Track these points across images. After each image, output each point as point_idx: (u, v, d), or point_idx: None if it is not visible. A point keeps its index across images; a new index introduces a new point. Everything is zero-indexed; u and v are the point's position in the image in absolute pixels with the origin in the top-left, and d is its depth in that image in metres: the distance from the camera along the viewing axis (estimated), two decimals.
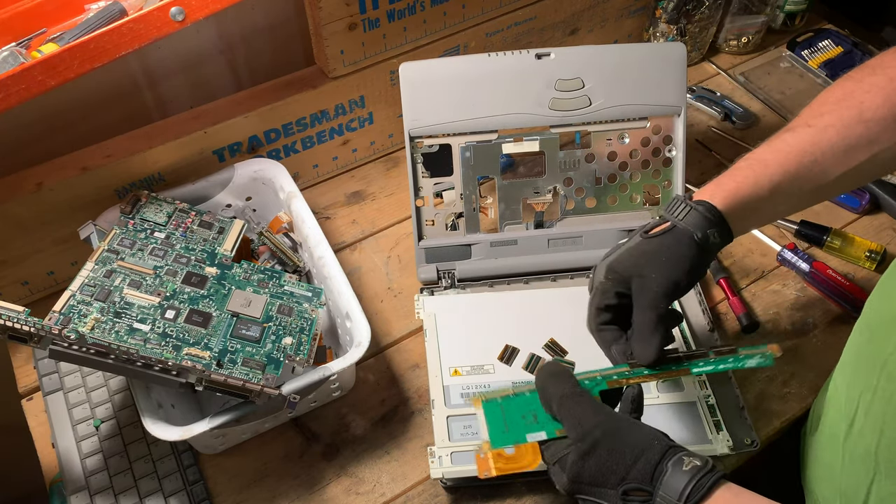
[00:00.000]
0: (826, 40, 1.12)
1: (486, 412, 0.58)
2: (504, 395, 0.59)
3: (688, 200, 0.60)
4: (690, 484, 0.47)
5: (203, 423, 0.62)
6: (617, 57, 0.79)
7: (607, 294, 0.60)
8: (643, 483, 0.49)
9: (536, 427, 0.56)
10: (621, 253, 0.60)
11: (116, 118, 0.82)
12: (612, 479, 0.50)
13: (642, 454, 0.50)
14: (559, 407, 0.54)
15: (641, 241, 0.60)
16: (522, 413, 0.57)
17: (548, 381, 0.56)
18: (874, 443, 0.51)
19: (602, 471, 0.50)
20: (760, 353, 0.58)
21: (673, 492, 0.48)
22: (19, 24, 0.64)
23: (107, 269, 0.67)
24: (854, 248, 0.86)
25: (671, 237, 0.59)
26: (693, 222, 0.59)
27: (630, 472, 0.49)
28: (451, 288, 0.82)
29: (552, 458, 0.54)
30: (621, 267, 0.59)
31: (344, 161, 0.97)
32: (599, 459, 0.50)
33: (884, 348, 0.51)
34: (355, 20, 0.83)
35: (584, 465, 0.51)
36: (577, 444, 0.52)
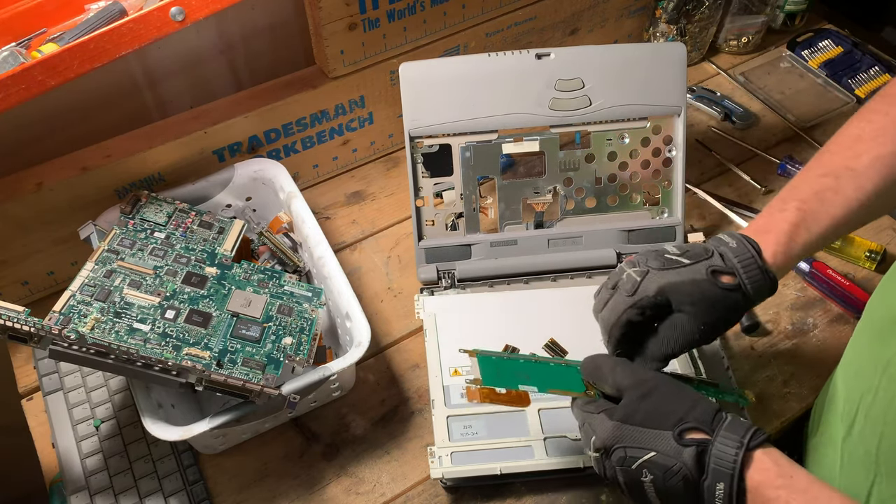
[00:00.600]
0: (826, 40, 1.12)
1: (481, 363, 0.59)
2: (499, 356, 0.60)
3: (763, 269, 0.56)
4: (750, 431, 0.48)
5: (203, 423, 0.62)
6: (617, 57, 0.79)
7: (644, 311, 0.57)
8: (703, 424, 0.49)
9: (529, 383, 0.58)
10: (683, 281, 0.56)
11: (116, 118, 0.82)
12: (670, 420, 0.50)
13: (700, 402, 0.51)
14: (613, 369, 0.54)
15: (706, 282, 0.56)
16: (516, 371, 0.59)
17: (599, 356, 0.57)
18: (875, 445, 0.51)
19: (660, 410, 0.50)
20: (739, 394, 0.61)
21: (737, 433, 0.48)
22: (19, 24, 0.64)
23: (107, 269, 0.67)
24: (854, 248, 0.86)
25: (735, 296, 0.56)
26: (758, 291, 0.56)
27: (690, 412, 0.50)
28: (451, 288, 0.82)
29: (597, 409, 0.53)
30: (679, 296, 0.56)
31: (344, 161, 0.97)
32: (659, 399, 0.51)
33: (886, 350, 0.51)
34: (355, 20, 0.83)
35: (641, 405, 0.51)
36: (634, 389, 0.52)
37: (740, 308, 0.56)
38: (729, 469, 0.47)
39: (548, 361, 0.61)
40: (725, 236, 0.58)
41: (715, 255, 0.57)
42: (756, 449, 0.48)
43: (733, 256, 0.57)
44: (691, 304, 0.55)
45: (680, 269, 0.57)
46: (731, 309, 0.56)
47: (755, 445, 0.48)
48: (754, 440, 0.48)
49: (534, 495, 0.69)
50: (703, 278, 0.56)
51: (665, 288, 0.56)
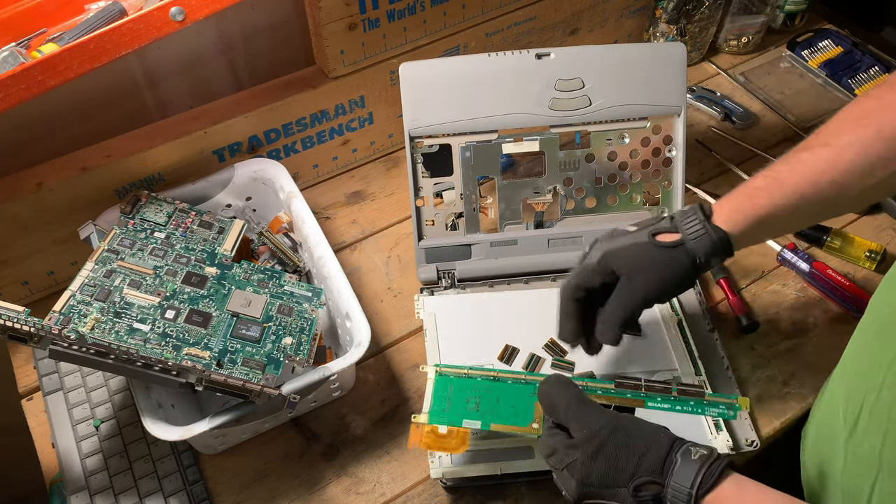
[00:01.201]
0: (826, 40, 1.12)
1: (436, 385, 0.63)
2: (458, 374, 0.63)
3: (706, 221, 0.59)
4: (701, 472, 0.49)
5: (203, 423, 0.62)
6: (617, 57, 0.79)
7: (592, 279, 0.61)
8: (654, 475, 0.50)
9: (474, 416, 0.61)
10: (623, 247, 0.60)
11: (116, 118, 0.82)
12: (623, 477, 0.50)
13: (651, 447, 0.51)
14: (566, 411, 0.55)
15: (646, 244, 0.60)
16: (467, 397, 0.62)
17: (554, 389, 0.57)
18: (878, 442, 0.51)
19: (612, 469, 0.51)
20: (727, 405, 0.61)
21: (684, 481, 0.49)
22: (19, 24, 0.64)
23: (107, 269, 0.67)
24: (854, 248, 0.86)
25: (675, 253, 0.59)
26: (703, 247, 0.58)
27: (640, 466, 0.50)
28: (451, 288, 0.82)
29: (560, 464, 0.54)
30: (617, 261, 0.60)
31: (344, 161, 0.97)
32: (608, 457, 0.51)
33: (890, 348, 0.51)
34: (355, 20, 0.83)
35: (594, 466, 0.51)
36: (585, 445, 0.52)
37: (684, 264, 0.58)
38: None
39: (506, 379, 0.63)
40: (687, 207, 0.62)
41: (665, 221, 0.61)
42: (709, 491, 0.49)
43: (679, 219, 0.60)
44: (630, 266, 0.59)
45: (624, 237, 0.61)
46: (674, 266, 0.58)
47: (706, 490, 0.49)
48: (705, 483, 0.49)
49: (534, 495, 0.69)
50: (643, 241, 0.60)
51: (607, 254, 0.60)
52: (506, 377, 0.63)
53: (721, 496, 0.49)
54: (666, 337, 0.76)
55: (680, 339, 0.76)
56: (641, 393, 0.61)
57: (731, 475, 0.50)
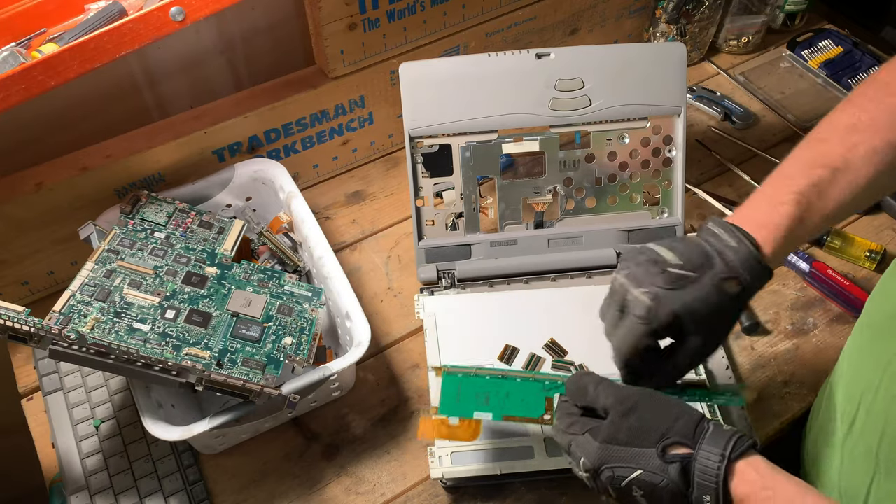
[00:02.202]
0: (826, 40, 1.12)
1: (445, 382, 0.62)
2: (465, 373, 0.62)
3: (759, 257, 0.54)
4: (733, 440, 0.48)
5: (203, 423, 0.62)
6: (617, 57, 0.79)
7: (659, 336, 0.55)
8: (685, 437, 0.49)
9: (485, 408, 0.60)
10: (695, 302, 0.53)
11: (116, 118, 0.82)
12: (653, 436, 0.50)
13: (682, 414, 0.50)
14: (595, 388, 0.53)
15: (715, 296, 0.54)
16: (477, 392, 0.61)
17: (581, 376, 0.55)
18: (875, 442, 0.51)
19: (642, 427, 0.50)
20: (731, 392, 0.60)
21: (718, 444, 0.48)
22: (19, 24, 0.64)
23: (107, 269, 0.67)
24: (854, 248, 0.86)
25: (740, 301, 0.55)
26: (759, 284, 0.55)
27: (672, 428, 0.50)
28: (451, 288, 0.82)
29: (581, 430, 0.52)
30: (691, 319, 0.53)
31: (344, 161, 0.97)
32: (641, 416, 0.50)
33: (887, 348, 0.51)
34: (355, 20, 0.83)
35: (624, 424, 0.50)
36: (618, 406, 0.51)
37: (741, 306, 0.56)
38: (713, 483, 0.48)
39: (514, 377, 0.62)
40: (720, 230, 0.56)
41: (717, 260, 0.54)
42: (739, 459, 0.48)
43: (735, 258, 0.54)
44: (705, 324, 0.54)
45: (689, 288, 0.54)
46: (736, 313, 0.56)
47: (737, 455, 0.48)
48: (736, 450, 0.48)
49: (534, 495, 0.69)
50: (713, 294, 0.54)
51: (679, 312, 0.53)
52: (514, 375, 0.62)
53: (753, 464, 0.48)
54: None
55: None
56: None
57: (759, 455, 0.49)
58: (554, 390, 0.60)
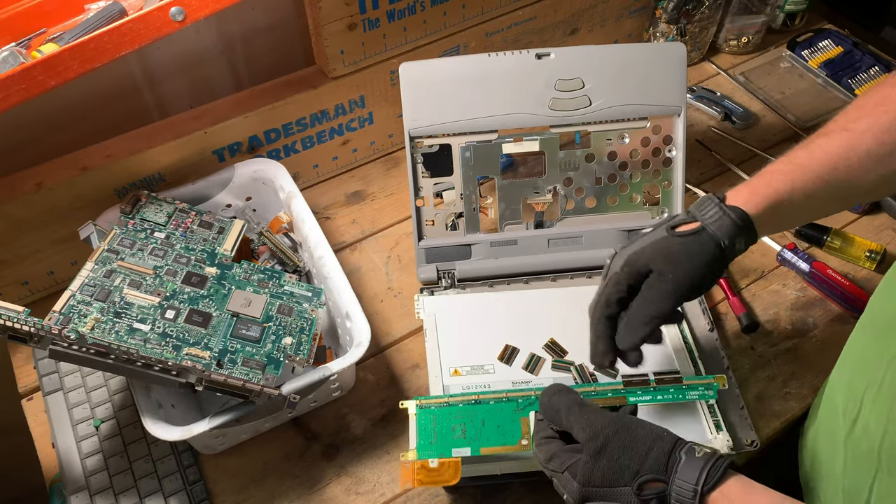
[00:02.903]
0: (826, 40, 1.12)
1: (419, 419, 0.62)
2: (439, 405, 0.62)
3: (721, 203, 0.58)
4: (706, 469, 0.48)
5: (203, 423, 0.62)
6: (617, 57, 0.79)
7: (620, 286, 0.58)
8: (658, 473, 0.49)
9: (462, 443, 0.60)
10: (643, 246, 0.59)
11: (116, 118, 0.82)
12: (626, 475, 0.50)
13: (654, 445, 0.51)
14: (567, 414, 0.54)
15: (666, 237, 0.58)
16: (453, 425, 0.61)
17: (554, 396, 0.56)
18: (878, 440, 0.51)
19: (615, 467, 0.50)
20: (705, 385, 0.61)
21: (689, 477, 0.48)
22: (19, 24, 0.64)
23: (107, 269, 0.67)
24: (854, 248, 0.86)
25: (698, 240, 0.57)
26: (723, 228, 0.57)
27: (644, 463, 0.50)
28: (451, 288, 0.82)
29: (561, 467, 0.53)
30: (640, 260, 0.58)
31: (344, 161, 0.97)
32: (612, 456, 0.51)
33: (890, 346, 0.51)
34: (355, 20, 0.83)
35: (597, 465, 0.51)
36: (589, 444, 0.52)
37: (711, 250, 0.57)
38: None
39: (487, 400, 0.62)
40: None
41: (681, 215, 0.60)
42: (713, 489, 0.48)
43: (694, 209, 0.59)
44: (655, 262, 0.57)
45: (642, 238, 0.59)
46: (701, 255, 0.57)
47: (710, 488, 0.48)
48: (708, 482, 0.48)
49: (534, 495, 0.69)
50: (663, 237, 0.58)
51: (630, 258, 0.58)
52: (487, 398, 0.62)
53: (727, 493, 0.48)
54: (666, 337, 0.76)
55: (680, 338, 0.76)
56: (621, 390, 0.61)
57: (735, 475, 0.49)
58: (528, 408, 0.61)
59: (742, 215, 0.57)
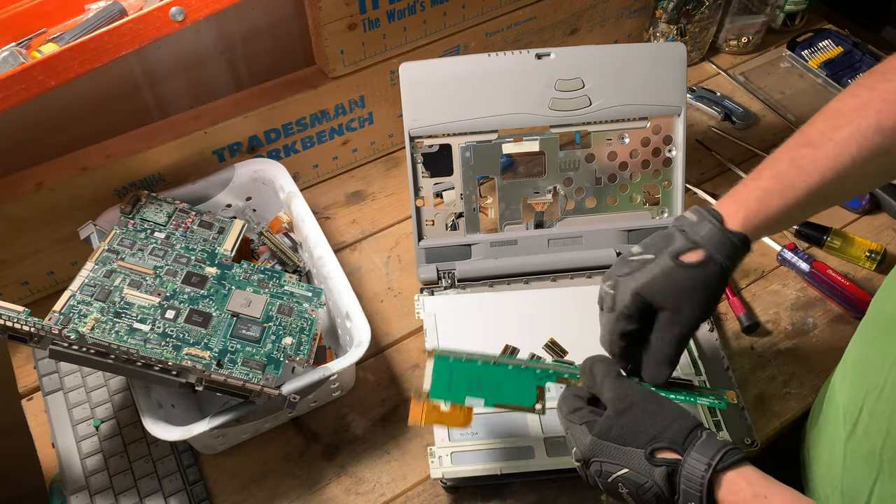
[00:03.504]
0: (826, 40, 1.12)
1: (436, 366, 0.60)
2: (457, 357, 0.60)
3: (722, 227, 0.56)
4: (723, 450, 0.48)
5: (203, 423, 0.62)
6: (617, 57, 0.79)
7: (631, 319, 0.57)
8: (675, 443, 0.49)
9: (477, 394, 0.59)
10: (653, 278, 0.56)
11: (116, 118, 0.82)
12: (643, 438, 0.50)
13: (677, 419, 0.51)
14: (604, 377, 0.55)
15: (675, 269, 0.56)
16: (468, 378, 0.60)
17: (597, 363, 0.56)
18: (879, 443, 0.51)
19: (635, 428, 0.51)
20: (716, 395, 0.60)
21: (707, 454, 0.48)
22: (19, 24, 0.64)
23: (107, 269, 0.67)
24: (854, 248, 0.86)
25: (706, 271, 0.56)
26: (729, 254, 0.56)
27: (663, 432, 0.50)
28: (451, 288, 0.82)
29: (580, 420, 0.53)
30: (652, 295, 0.56)
31: (344, 161, 0.97)
32: (635, 417, 0.51)
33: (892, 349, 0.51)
34: (355, 20, 0.83)
35: (617, 421, 0.51)
36: (615, 403, 0.52)
37: (718, 278, 0.56)
38: (697, 490, 0.48)
39: (506, 364, 0.61)
40: (687, 213, 0.59)
41: (676, 236, 0.57)
42: (729, 469, 0.48)
43: (693, 231, 0.57)
44: (669, 298, 0.56)
45: (647, 267, 0.57)
46: (710, 283, 0.56)
47: (725, 466, 0.48)
48: (724, 461, 0.48)
49: (534, 495, 0.69)
50: (670, 267, 0.56)
51: (639, 291, 0.56)
52: (506, 362, 0.61)
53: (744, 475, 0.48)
54: None
55: None
56: None
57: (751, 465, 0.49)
58: (545, 379, 0.60)
59: (743, 238, 0.57)
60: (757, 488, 0.47)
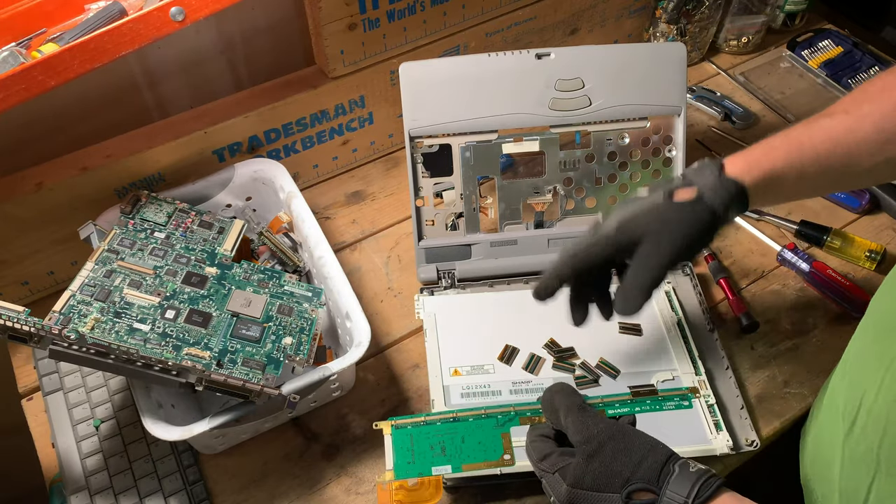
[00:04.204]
0: (826, 40, 1.12)
1: (395, 439, 0.59)
2: (415, 423, 0.59)
3: (720, 171, 0.57)
4: (698, 483, 0.48)
5: (203, 423, 0.62)
6: (617, 57, 0.79)
7: (609, 247, 0.57)
8: (650, 483, 0.49)
9: (443, 460, 0.57)
10: (638, 211, 0.57)
11: (116, 118, 0.82)
12: (617, 482, 0.50)
13: (648, 455, 0.50)
14: (566, 414, 0.54)
15: (663, 204, 0.57)
16: (431, 444, 0.58)
17: (557, 395, 0.56)
18: (876, 442, 0.51)
19: (607, 473, 0.50)
20: (680, 396, 0.59)
21: (681, 490, 0.48)
22: (19, 24, 0.64)
23: (107, 269, 0.67)
24: (854, 248, 0.86)
25: (695, 208, 0.56)
26: (719, 198, 0.56)
27: (636, 472, 0.49)
28: (451, 288, 0.82)
29: (552, 468, 0.53)
30: (636, 226, 0.57)
31: (344, 161, 0.97)
32: (604, 461, 0.50)
33: (890, 348, 0.51)
34: (355, 20, 0.83)
35: (588, 468, 0.50)
36: (583, 447, 0.51)
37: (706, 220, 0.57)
38: None
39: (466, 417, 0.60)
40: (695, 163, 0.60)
41: (675, 180, 0.59)
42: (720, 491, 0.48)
43: (692, 175, 0.58)
44: (650, 228, 0.56)
45: (639, 201, 0.58)
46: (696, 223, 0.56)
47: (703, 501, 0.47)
48: (700, 495, 0.47)
49: (534, 495, 0.69)
50: (660, 202, 0.57)
51: (625, 220, 0.57)
52: (466, 416, 0.60)
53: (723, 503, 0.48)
54: (666, 337, 0.76)
55: (680, 338, 0.76)
56: (599, 404, 0.61)
57: (728, 491, 0.49)
58: (508, 424, 0.59)
59: (739, 187, 0.57)
60: None
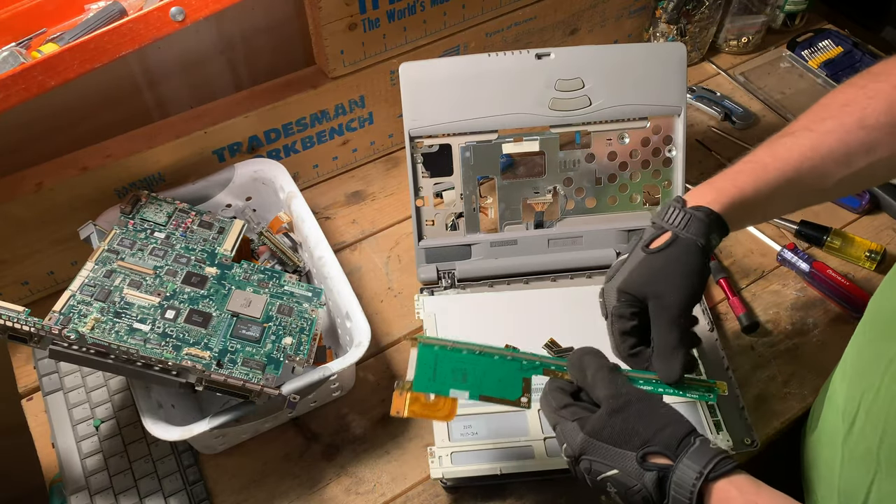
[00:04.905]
0: (826, 40, 1.12)
1: (420, 356, 0.58)
2: (442, 346, 0.59)
3: (684, 207, 0.58)
4: (715, 459, 0.48)
5: (203, 423, 0.62)
6: (617, 57, 0.79)
7: (625, 318, 0.58)
8: (667, 449, 0.49)
9: (462, 385, 0.57)
10: (629, 273, 0.58)
11: (116, 118, 0.82)
12: (636, 441, 0.50)
13: (671, 424, 0.50)
14: (596, 372, 0.54)
15: (645, 258, 0.58)
16: (453, 368, 0.58)
17: (586, 356, 0.56)
18: (876, 442, 0.51)
19: (627, 430, 0.50)
20: (706, 388, 0.59)
21: (699, 462, 0.48)
22: (19, 24, 0.64)
23: (107, 269, 0.67)
24: (854, 248, 0.86)
25: (676, 249, 0.57)
26: (695, 230, 0.57)
27: (657, 436, 0.50)
28: (451, 288, 0.82)
29: (571, 416, 0.53)
30: (633, 288, 0.57)
31: (344, 161, 0.97)
32: (628, 418, 0.50)
33: (889, 348, 0.51)
34: (355, 20, 0.83)
35: (610, 421, 0.50)
36: (610, 401, 0.51)
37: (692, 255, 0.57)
38: (686, 498, 0.48)
39: (492, 354, 0.59)
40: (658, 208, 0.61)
41: (646, 230, 0.60)
42: (720, 478, 0.48)
43: (660, 220, 0.59)
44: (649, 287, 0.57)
45: (623, 266, 0.59)
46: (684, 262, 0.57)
47: (717, 475, 0.48)
48: (716, 470, 0.47)
49: (534, 495, 0.69)
50: (641, 258, 0.58)
51: (621, 288, 0.58)
52: (492, 352, 0.60)
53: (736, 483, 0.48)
54: None
55: None
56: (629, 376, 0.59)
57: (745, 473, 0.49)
58: (532, 371, 0.59)
59: (708, 212, 0.58)
60: (748, 496, 0.47)
